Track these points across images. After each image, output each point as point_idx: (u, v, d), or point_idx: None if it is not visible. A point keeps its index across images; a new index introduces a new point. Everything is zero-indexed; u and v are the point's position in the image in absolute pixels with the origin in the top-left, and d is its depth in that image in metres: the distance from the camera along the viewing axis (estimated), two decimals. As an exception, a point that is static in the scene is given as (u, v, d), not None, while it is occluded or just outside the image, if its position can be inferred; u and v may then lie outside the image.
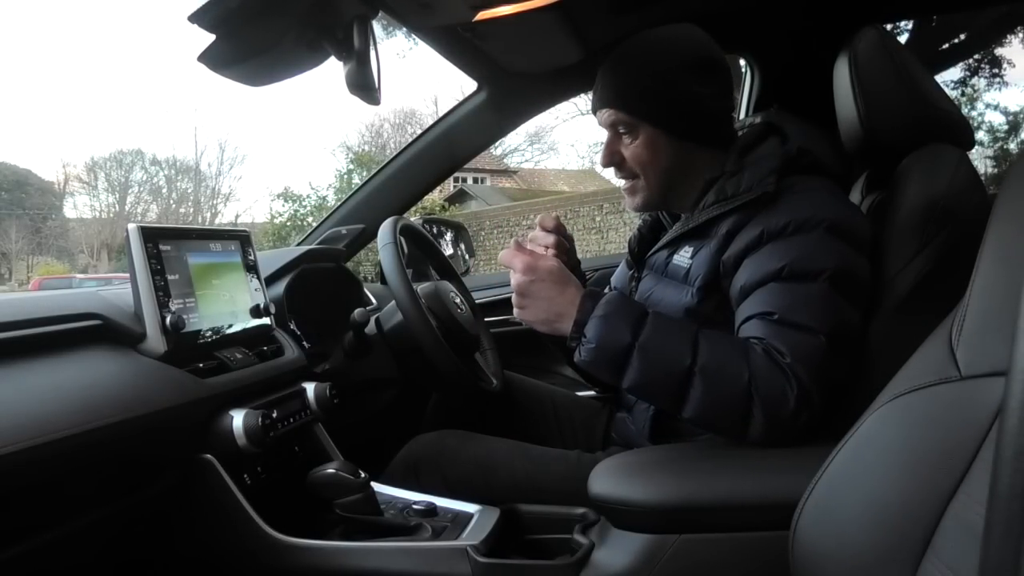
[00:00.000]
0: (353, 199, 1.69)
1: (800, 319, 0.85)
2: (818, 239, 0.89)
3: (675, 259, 1.05)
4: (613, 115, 1.04)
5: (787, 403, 0.81)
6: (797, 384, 0.81)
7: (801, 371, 0.82)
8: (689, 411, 0.85)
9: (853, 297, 0.88)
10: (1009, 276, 0.55)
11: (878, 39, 1.01)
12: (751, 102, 1.63)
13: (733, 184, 0.98)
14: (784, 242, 0.90)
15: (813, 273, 0.87)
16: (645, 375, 0.85)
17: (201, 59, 0.81)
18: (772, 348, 0.84)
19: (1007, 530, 0.40)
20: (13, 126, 38.24)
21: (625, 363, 0.86)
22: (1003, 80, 7.26)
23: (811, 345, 0.84)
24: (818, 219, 0.90)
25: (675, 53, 1.03)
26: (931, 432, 0.57)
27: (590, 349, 0.87)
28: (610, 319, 0.87)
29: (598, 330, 0.87)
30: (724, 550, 0.79)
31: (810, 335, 0.84)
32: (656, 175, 1.05)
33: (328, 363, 1.26)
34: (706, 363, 0.84)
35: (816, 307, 0.86)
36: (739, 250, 0.93)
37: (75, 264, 23.37)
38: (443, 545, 0.93)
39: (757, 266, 0.91)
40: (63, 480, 0.77)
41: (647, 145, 1.04)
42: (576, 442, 1.26)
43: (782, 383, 0.82)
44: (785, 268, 0.88)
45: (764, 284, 0.89)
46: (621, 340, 0.86)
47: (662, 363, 0.85)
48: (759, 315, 0.88)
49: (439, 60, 1.43)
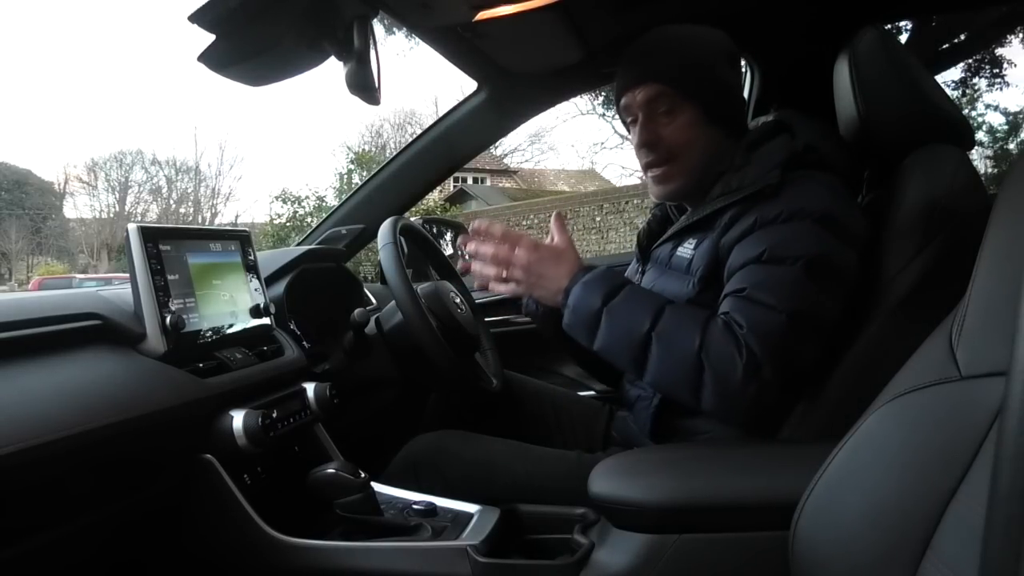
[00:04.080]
0: (353, 199, 1.69)
1: (764, 297, 0.87)
2: (803, 228, 0.91)
3: (679, 251, 1.05)
4: (656, 89, 1.02)
5: (735, 371, 0.83)
6: (747, 353, 0.84)
7: (753, 342, 0.84)
8: (648, 375, 0.89)
9: (828, 286, 0.89)
10: (1009, 276, 0.55)
11: (878, 39, 1.01)
12: (752, 102, 1.63)
13: (739, 177, 0.99)
14: (772, 229, 0.92)
15: (790, 258, 0.89)
16: (609, 337, 0.91)
17: (201, 59, 0.81)
18: (732, 320, 0.87)
19: (1007, 530, 0.40)
20: (13, 126, 38.25)
21: (596, 326, 0.92)
22: (1004, 80, 7.26)
23: (769, 320, 0.85)
24: (809, 210, 0.91)
25: (711, 41, 1.05)
26: (931, 432, 0.57)
27: (569, 312, 0.95)
28: (588, 285, 0.94)
29: (576, 295, 0.94)
30: (724, 550, 0.78)
31: (771, 312, 0.86)
32: (695, 158, 1.04)
33: (328, 363, 1.26)
34: (663, 328, 0.88)
35: (785, 289, 0.87)
36: (733, 238, 0.95)
37: (75, 264, 23.35)
38: (443, 545, 0.93)
39: (743, 251, 0.93)
40: (63, 480, 0.77)
41: (689, 125, 1.03)
42: (576, 442, 1.27)
43: (731, 350, 0.84)
44: (765, 252, 0.90)
45: (745, 266, 0.91)
46: (593, 304, 0.92)
47: (625, 327, 0.90)
48: (731, 293, 0.91)
49: (439, 60, 1.44)
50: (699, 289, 0.98)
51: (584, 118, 19.96)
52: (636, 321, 0.90)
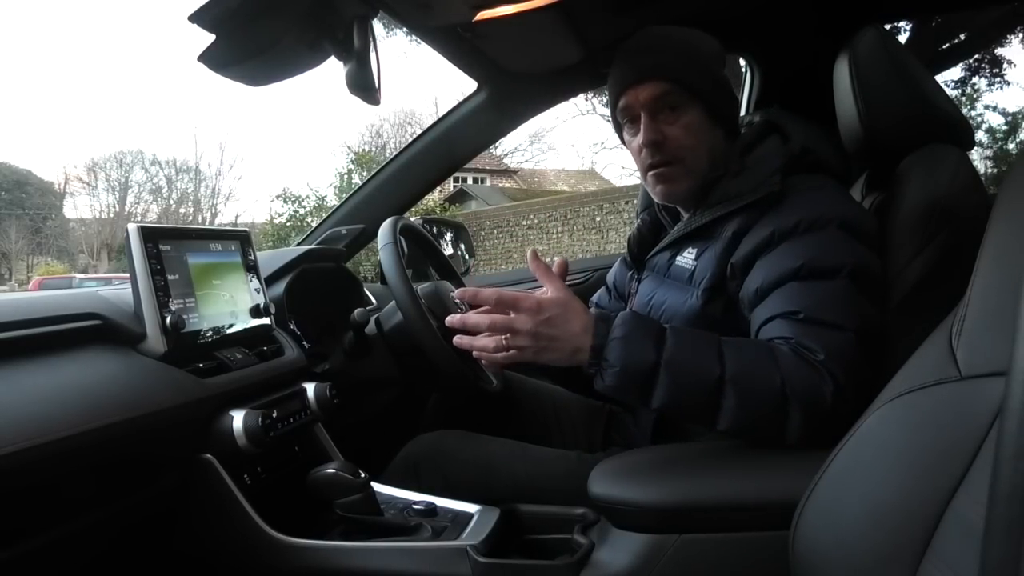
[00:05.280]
0: (353, 199, 1.69)
1: (827, 316, 0.83)
2: (831, 236, 0.88)
3: (678, 260, 1.04)
4: (662, 87, 0.98)
5: (824, 401, 0.78)
6: (832, 381, 0.79)
7: (835, 367, 0.80)
8: (724, 423, 0.81)
9: (872, 294, 0.87)
10: (1009, 276, 0.55)
11: (878, 39, 1.00)
12: (751, 102, 1.63)
13: (737, 184, 0.98)
14: (798, 241, 0.89)
15: (832, 270, 0.86)
16: (675, 393, 0.81)
17: (201, 59, 0.81)
18: (801, 347, 0.82)
19: (1007, 530, 0.40)
20: (13, 126, 38.26)
21: (653, 383, 0.81)
22: (1004, 80, 7.26)
23: (842, 341, 0.81)
24: (828, 217, 0.89)
25: (709, 41, 1.04)
26: (931, 432, 0.57)
27: (614, 373, 0.82)
28: (630, 339, 0.82)
29: (619, 352, 0.82)
30: (724, 550, 0.78)
31: (839, 332, 0.82)
32: (702, 158, 1.01)
33: (328, 363, 1.26)
34: (736, 371, 0.80)
35: (840, 304, 0.84)
36: (749, 251, 0.92)
37: (75, 264, 23.36)
38: (443, 545, 0.93)
39: (772, 266, 0.89)
40: (63, 480, 0.77)
41: (696, 124, 1.00)
42: (576, 442, 1.26)
43: (817, 381, 0.79)
44: (803, 267, 0.86)
45: (782, 284, 0.87)
46: (646, 360, 0.81)
47: (691, 378, 0.81)
48: (782, 315, 0.85)
49: (439, 60, 1.44)
50: (704, 301, 0.96)
51: (584, 118, 19.97)
52: (703, 369, 0.81)
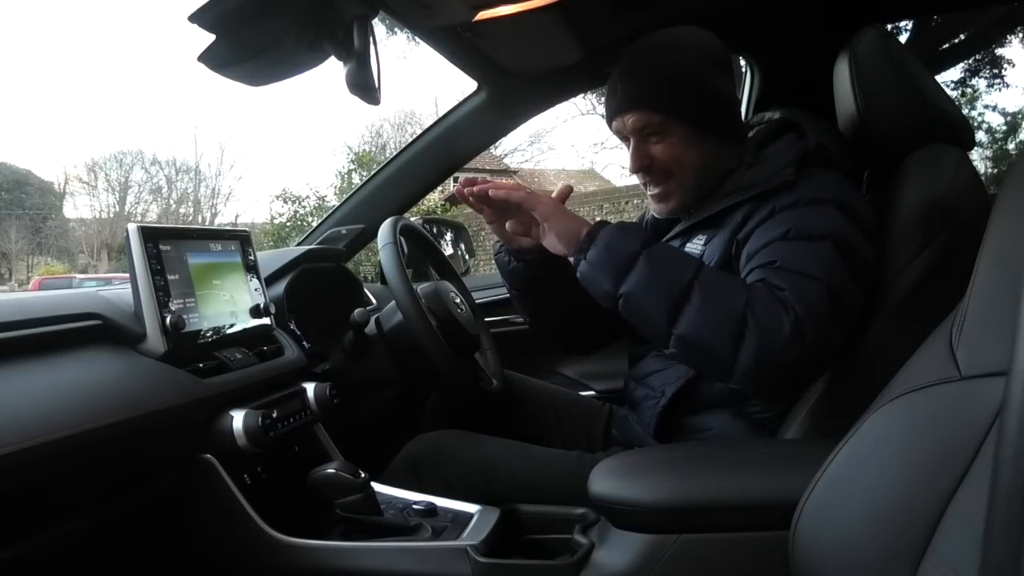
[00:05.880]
0: (353, 199, 1.69)
1: (801, 267, 0.85)
2: (824, 211, 0.91)
3: (687, 248, 1.05)
4: (643, 118, 1.02)
5: (781, 329, 0.80)
6: (793, 314, 0.81)
7: (797, 304, 0.82)
8: (682, 326, 0.84)
9: (854, 270, 0.88)
10: (1009, 276, 0.55)
11: (878, 39, 1.01)
12: (752, 102, 1.63)
13: (751, 175, 1.00)
14: (791, 212, 0.92)
15: (818, 236, 0.88)
16: (645, 283, 0.86)
17: (201, 59, 0.81)
18: (771, 284, 0.85)
19: (1007, 530, 0.40)
20: (13, 126, 38.24)
21: (629, 267, 0.87)
22: (1003, 80, 7.26)
23: (811, 288, 0.83)
24: (827, 197, 0.92)
25: (695, 49, 1.04)
26: (931, 432, 0.57)
27: (599, 249, 0.89)
28: (623, 229, 0.91)
29: (610, 235, 0.90)
30: (724, 550, 0.78)
31: (810, 280, 0.84)
32: (691, 173, 1.04)
33: (328, 363, 1.26)
34: (706, 280, 0.85)
35: (816, 261, 0.86)
36: (752, 227, 0.95)
37: (75, 264, 23.34)
38: (443, 545, 0.93)
39: (763, 233, 0.92)
40: (63, 480, 0.77)
41: (680, 143, 1.02)
42: (576, 442, 1.27)
43: (778, 310, 0.81)
44: (790, 231, 0.90)
45: (769, 245, 0.90)
46: (630, 246, 0.88)
47: (665, 273, 0.86)
48: (761, 266, 0.89)
49: (439, 60, 1.44)
50: None
51: (584, 118, 19.94)
52: (677, 269, 0.86)
